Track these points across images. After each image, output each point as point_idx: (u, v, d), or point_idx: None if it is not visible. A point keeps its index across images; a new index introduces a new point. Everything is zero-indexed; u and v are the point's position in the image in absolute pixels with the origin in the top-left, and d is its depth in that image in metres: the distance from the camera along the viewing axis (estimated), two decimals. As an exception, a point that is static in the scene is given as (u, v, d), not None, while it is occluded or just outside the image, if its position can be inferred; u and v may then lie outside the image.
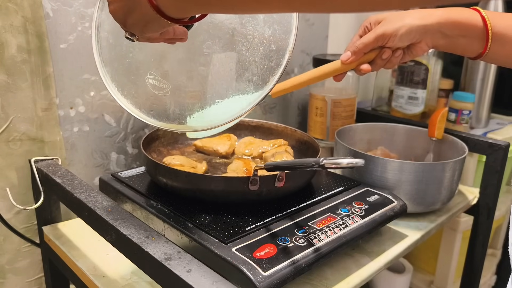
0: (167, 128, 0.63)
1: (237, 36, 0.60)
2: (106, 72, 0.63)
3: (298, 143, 0.89)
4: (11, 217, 0.75)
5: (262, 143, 0.87)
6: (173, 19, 0.43)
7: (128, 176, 0.76)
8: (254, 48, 0.60)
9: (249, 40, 0.60)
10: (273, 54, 0.59)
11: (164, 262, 0.46)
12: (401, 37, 0.65)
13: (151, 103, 0.63)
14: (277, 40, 0.59)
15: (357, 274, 0.65)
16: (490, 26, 0.62)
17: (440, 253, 1.17)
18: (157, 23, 0.43)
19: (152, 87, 0.63)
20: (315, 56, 1.06)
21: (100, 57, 0.63)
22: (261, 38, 0.59)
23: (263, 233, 0.60)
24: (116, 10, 0.46)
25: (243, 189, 0.65)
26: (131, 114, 0.63)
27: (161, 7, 0.41)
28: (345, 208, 0.69)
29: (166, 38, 0.50)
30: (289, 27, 0.59)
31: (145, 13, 0.42)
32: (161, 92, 0.63)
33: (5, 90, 0.70)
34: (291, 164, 0.62)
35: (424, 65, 1.07)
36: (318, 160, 0.54)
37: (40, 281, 0.81)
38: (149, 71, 0.63)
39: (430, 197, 0.81)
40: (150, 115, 0.63)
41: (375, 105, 1.26)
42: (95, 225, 0.58)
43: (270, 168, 0.63)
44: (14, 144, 0.73)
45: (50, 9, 0.73)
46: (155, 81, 0.63)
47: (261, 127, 0.93)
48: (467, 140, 0.93)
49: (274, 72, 0.59)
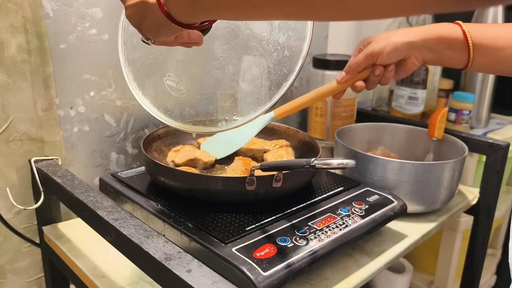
0: (182, 128, 0.65)
1: (252, 41, 0.61)
2: (129, 71, 0.66)
3: (300, 143, 0.89)
4: (11, 217, 0.75)
5: (264, 143, 0.87)
6: (184, 24, 0.45)
7: (128, 176, 0.77)
8: (268, 53, 0.61)
9: (263, 45, 0.61)
10: (286, 60, 0.60)
11: (164, 262, 0.46)
12: (388, 54, 0.70)
13: (168, 104, 0.66)
14: (291, 47, 0.60)
15: (357, 274, 0.65)
16: (470, 38, 0.65)
17: (440, 253, 1.17)
18: (169, 28, 0.45)
19: (170, 88, 0.65)
20: (315, 56, 1.06)
21: (125, 56, 0.66)
22: (275, 44, 0.60)
23: (263, 233, 0.60)
24: (131, 15, 0.48)
25: (240, 189, 0.65)
26: (150, 113, 0.65)
27: (171, 13, 0.43)
28: (345, 208, 0.69)
29: (181, 42, 0.52)
30: (303, 34, 0.60)
31: (157, 18, 0.44)
32: (178, 93, 0.65)
33: (5, 90, 0.70)
34: (283, 164, 0.63)
35: (424, 65, 1.07)
36: (309, 161, 0.54)
37: (40, 281, 0.81)
38: (167, 73, 0.65)
39: (430, 197, 0.81)
40: (167, 115, 0.66)
41: (375, 105, 1.26)
42: (95, 225, 0.58)
43: (265, 169, 0.63)
44: (14, 144, 0.73)
45: (50, 9, 0.73)
46: (173, 83, 0.65)
47: (264, 127, 0.93)
48: (467, 140, 0.93)
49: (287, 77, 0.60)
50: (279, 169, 0.64)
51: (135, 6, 0.47)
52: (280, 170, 0.64)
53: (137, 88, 0.66)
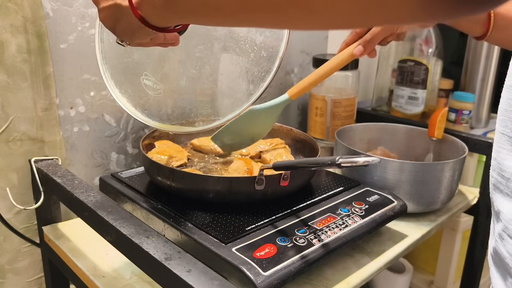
0: (159, 128, 0.65)
1: (229, 41, 0.61)
2: (106, 69, 0.66)
3: (294, 141, 0.89)
4: (11, 217, 0.75)
5: (258, 142, 0.86)
6: (158, 28, 0.44)
7: (128, 176, 0.76)
8: (245, 54, 0.60)
9: (240, 46, 0.60)
10: (263, 61, 0.60)
11: (164, 262, 0.46)
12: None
13: (145, 103, 0.65)
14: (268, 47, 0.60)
15: (357, 274, 0.65)
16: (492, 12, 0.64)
17: (440, 253, 1.17)
18: (143, 32, 0.45)
19: (147, 88, 0.64)
20: (315, 56, 1.06)
21: (102, 54, 0.65)
22: (252, 44, 0.60)
23: (263, 233, 0.60)
24: (105, 18, 0.47)
25: (249, 189, 0.65)
26: (127, 111, 0.65)
27: (145, 17, 0.43)
28: (345, 208, 0.69)
29: (157, 43, 0.51)
30: (280, 35, 0.60)
31: (131, 22, 0.44)
32: (155, 92, 0.64)
33: (5, 90, 0.70)
34: (304, 163, 0.61)
35: (424, 65, 1.07)
36: (334, 159, 0.53)
37: (40, 281, 0.81)
38: (144, 72, 0.64)
39: (430, 197, 0.81)
40: (145, 114, 0.65)
41: (375, 105, 1.26)
42: (95, 225, 0.58)
43: (278, 168, 0.63)
44: (14, 144, 0.73)
45: (50, 9, 0.73)
46: (150, 82, 0.64)
47: None
48: (467, 140, 0.93)
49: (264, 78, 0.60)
50: (299, 168, 0.62)
51: (109, 9, 0.46)
52: (300, 169, 0.63)
53: (114, 86, 0.66)
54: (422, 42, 1.11)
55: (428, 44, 1.10)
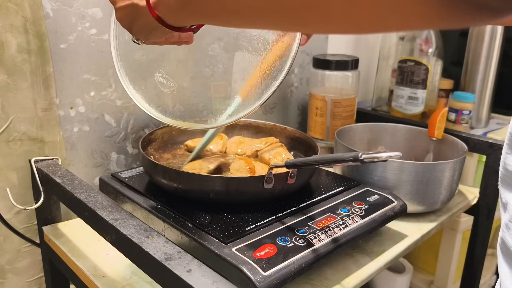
0: (172, 124, 0.65)
1: (241, 40, 0.61)
2: (121, 66, 0.66)
3: (288, 139, 0.89)
4: (11, 217, 0.75)
5: (252, 142, 0.86)
6: (174, 28, 0.45)
7: (128, 176, 0.76)
8: (257, 52, 0.61)
9: (253, 44, 0.61)
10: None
11: (164, 262, 0.46)
12: None
13: (158, 99, 0.66)
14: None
15: (357, 274, 0.65)
16: None
17: (440, 253, 1.17)
18: (159, 31, 0.46)
19: (160, 85, 0.65)
20: (315, 56, 1.06)
21: (117, 51, 0.66)
22: (265, 43, 0.60)
23: (263, 233, 0.60)
24: (122, 18, 0.48)
25: (258, 188, 0.65)
26: (142, 108, 0.65)
27: (162, 17, 0.44)
28: (345, 208, 0.69)
29: (171, 42, 0.51)
30: (293, 34, 0.60)
31: (148, 21, 0.44)
32: (169, 90, 0.65)
33: (5, 90, 0.70)
34: (321, 161, 0.59)
35: (424, 65, 1.07)
36: (356, 155, 0.52)
37: (40, 281, 0.81)
38: (158, 69, 0.65)
39: (430, 197, 0.81)
40: (158, 110, 0.66)
41: (375, 105, 1.26)
42: (95, 225, 0.58)
43: (290, 166, 0.63)
44: (14, 144, 0.73)
45: (50, 9, 0.73)
46: (163, 79, 0.65)
47: (249, 126, 0.93)
48: (467, 140, 0.93)
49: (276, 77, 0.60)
50: (318, 165, 0.60)
51: (126, 8, 0.46)
52: (320, 165, 0.62)
53: (128, 83, 0.66)
54: (422, 42, 1.11)
55: (428, 44, 1.10)
